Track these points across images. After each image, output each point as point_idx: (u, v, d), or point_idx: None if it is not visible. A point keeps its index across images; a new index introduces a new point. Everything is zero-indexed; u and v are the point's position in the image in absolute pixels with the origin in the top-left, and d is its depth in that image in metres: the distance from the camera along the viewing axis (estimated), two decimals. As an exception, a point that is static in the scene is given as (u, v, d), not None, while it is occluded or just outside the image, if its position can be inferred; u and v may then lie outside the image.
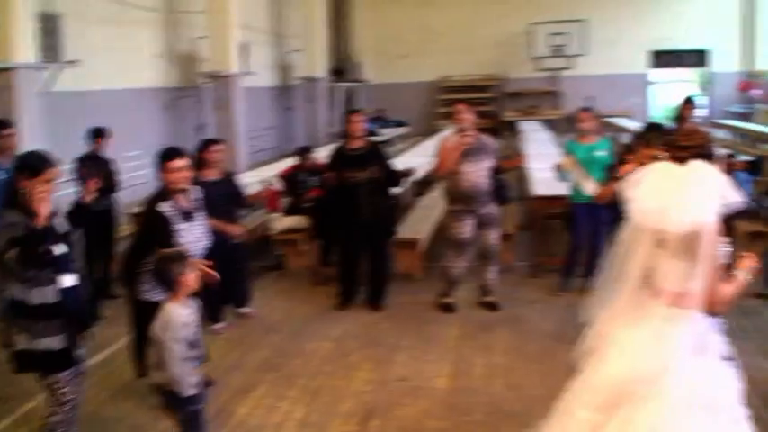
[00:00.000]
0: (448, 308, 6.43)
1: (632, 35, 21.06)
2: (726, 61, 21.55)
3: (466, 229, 6.27)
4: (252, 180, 8.33)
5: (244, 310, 6.40)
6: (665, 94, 26.84)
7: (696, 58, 22.13)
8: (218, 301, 5.87)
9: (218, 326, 6.00)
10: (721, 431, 2.87)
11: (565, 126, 17.93)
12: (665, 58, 22.08)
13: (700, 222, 2.75)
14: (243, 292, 6.43)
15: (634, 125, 14.88)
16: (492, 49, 21.42)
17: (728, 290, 2.88)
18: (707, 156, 2.92)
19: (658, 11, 21.07)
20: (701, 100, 23.15)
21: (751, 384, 3.18)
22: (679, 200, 2.77)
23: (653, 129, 5.71)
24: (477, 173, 6.16)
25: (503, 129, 20.13)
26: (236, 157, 11.61)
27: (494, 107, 21.59)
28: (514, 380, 5.00)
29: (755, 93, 19.78)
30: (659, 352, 2.84)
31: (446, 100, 20.20)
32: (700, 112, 22.41)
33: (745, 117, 19.00)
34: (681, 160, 2.90)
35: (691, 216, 2.74)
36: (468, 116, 6.26)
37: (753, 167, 8.65)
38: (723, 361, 3.02)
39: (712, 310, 2.86)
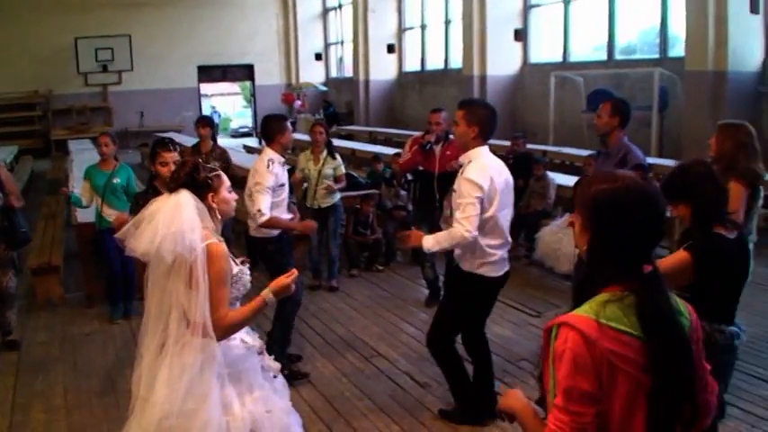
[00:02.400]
0: None
1: (182, 51, 21.52)
2: (269, 75, 23.41)
3: None
4: None
5: None
6: (219, 106, 28.32)
7: (243, 72, 23.68)
8: None
9: None
10: None
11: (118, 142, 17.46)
12: (214, 73, 23.14)
13: (190, 250, 2.81)
14: None
15: (185, 139, 14.83)
16: (36, 65, 19.94)
17: (237, 315, 2.95)
18: (196, 185, 2.98)
19: (207, 28, 21.88)
20: (246, 111, 24.74)
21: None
22: (169, 230, 2.80)
23: (158, 144, 5.44)
24: None
25: (52, 149, 19.03)
26: None
27: (41, 126, 20.30)
28: (77, 420, 4.82)
29: (297, 103, 21.79)
30: (193, 384, 2.86)
31: (-16, 120, 18.40)
32: (242, 123, 23.92)
33: (293, 125, 20.76)
34: (171, 190, 2.99)
35: (181, 244, 2.80)
36: None
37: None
38: (273, 377, 3.20)
39: (223, 335, 2.92)
